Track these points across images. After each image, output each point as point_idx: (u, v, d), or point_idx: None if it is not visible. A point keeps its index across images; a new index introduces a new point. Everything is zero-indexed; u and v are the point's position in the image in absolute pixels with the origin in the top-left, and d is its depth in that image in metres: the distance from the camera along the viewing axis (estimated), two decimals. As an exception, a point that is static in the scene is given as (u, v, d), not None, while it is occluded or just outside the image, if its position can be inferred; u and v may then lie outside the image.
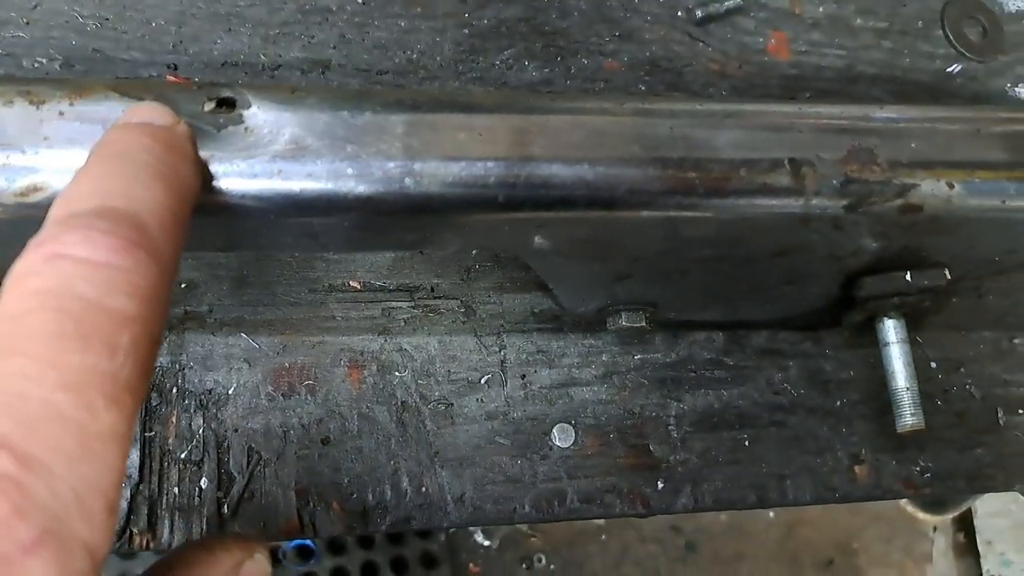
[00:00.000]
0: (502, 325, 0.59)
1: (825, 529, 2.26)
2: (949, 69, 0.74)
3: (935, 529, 2.25)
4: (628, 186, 0.40)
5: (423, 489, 0.54)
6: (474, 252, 0.59)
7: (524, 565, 2.06)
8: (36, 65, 0.55)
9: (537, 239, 0.44)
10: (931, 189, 0.42)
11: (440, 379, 0.57)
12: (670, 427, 0.59)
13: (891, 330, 0.55)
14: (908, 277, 0.51)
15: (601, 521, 2.15)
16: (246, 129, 0.39)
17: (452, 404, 0.56)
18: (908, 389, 0.54)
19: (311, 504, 0.52)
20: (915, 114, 0.44)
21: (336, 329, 0.56)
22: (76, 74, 0.56)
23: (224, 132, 0.38)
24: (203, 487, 0.51)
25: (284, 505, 0.52)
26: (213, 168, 0.38)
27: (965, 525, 2.23)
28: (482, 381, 0.57)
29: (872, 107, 0.44)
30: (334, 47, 0.61)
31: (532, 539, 2.11)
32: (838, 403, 0.62)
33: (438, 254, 0.58)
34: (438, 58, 0.63)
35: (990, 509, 2.18)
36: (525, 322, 0.59)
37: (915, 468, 0.62)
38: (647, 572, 2.17)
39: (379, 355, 0.56)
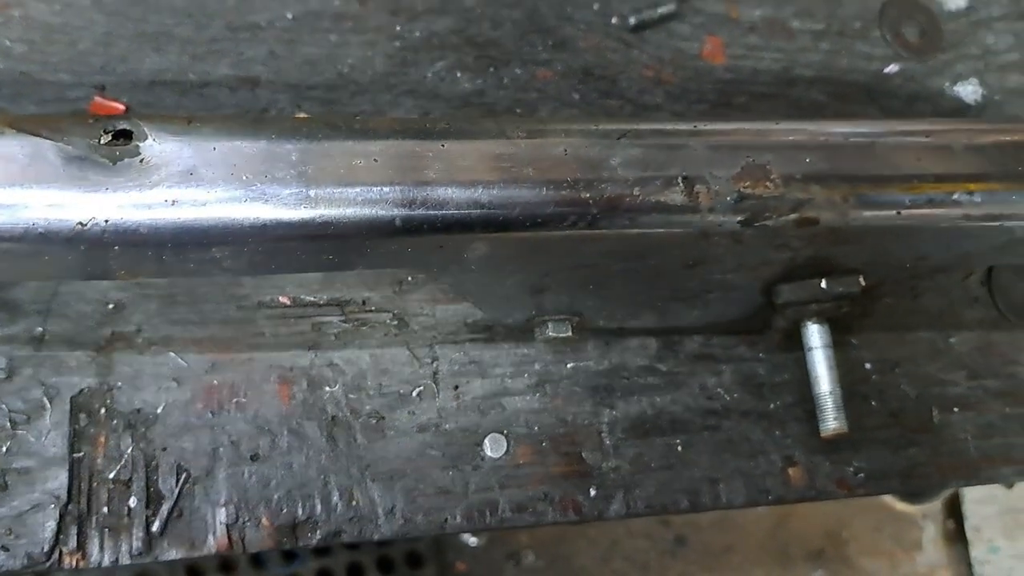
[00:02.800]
0: (435, 336, 0.60)
1: (815, 519, 2.27)
2: (887, 69, 0.74)
3: (924, 517, 2.26)
4: (522, 208, 0.41)
5: (353, 503, 0.55)
6: (405, 265, 0.59)
7: (512, 561, 2.06)
8: (-38, 90, 0.56)
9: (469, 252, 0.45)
10: (826, 202, 0.43)
11: (371, 393, 0.58)
12: (603, 434, 0.60)
13: (814, 335, 0.55)
14: (823, 284, 0.51)
15: (588, 516, 2.15)
16: (142, 160, 0.39)
17: (384, 418, 0.57)
18: (831, 393, 0.55)
19: (240, 520, 0.53)
20: (812, 128, 0.44)
21: (265, 345, 0.57)
22: (3, 97, 0.56)
23: (120, 164, 0.39)
24: (132, 506, 0.52)
25: (213, 522, 0.53)
26: (108, 199, 0.38)
27: (954, 512, 2.24)
28: (414, 394, 0.58)
29: (768, 123, 0.44)
30: (263, 64, 0.62)
31: (519, 536, 2.12)
32: (772, 406, 0.63)
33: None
34: (369, 72, 0.64)
35: (977, 496, 2.18)
36: (458, 333, 0.60)
37: (849, 468, 0.62)
38: (636, 566, 2.18)
39: (309, 370, 0.57)
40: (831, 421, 0.55)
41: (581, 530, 2.15)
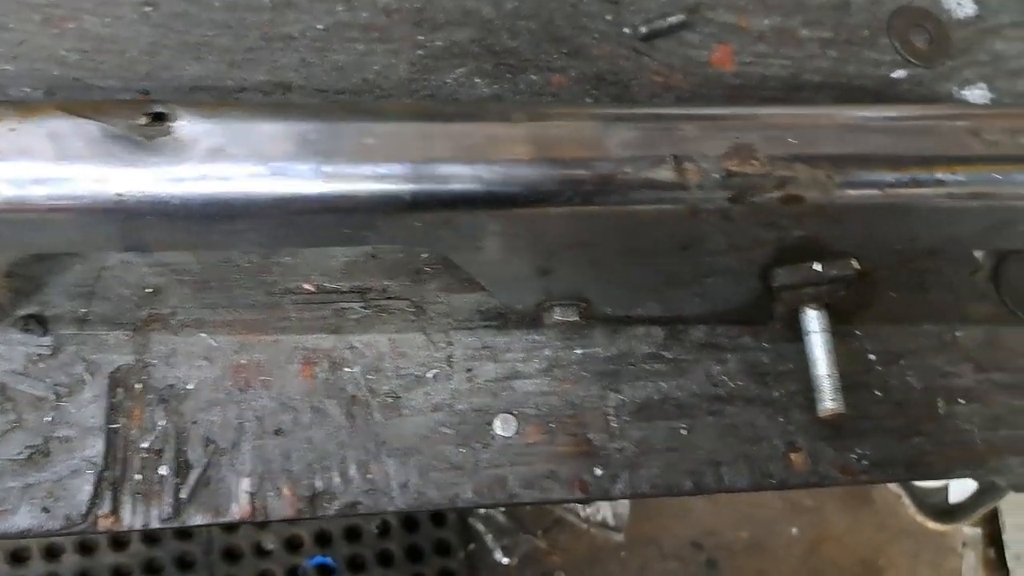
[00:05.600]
0: (450, 323, 0.63)
1: (850, 546, 2.23)
2: (894, 75, 0.76)
3: (964, 544, 2.21)
4: (522, 184, 0.44)
5: (369, 476, 0.58)
6: (423, 255, 0.63)
7: (543, 582, 2.06)
8: (21, 94, 0.61)
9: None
10: (810, 180, 0.45)
11: (389, 374, 0.61)
12: (609, 417, 0.62)
13: (812, 320, 0.57)
14: (818, 267, 0.53)
15: (621, 537, 2.16)
16: (174, 139, 0.43)
17: (400, 397, 0.60)
18: (829, 376, 0.57)
19: (263, 490, 0.56)
20: (798, 112, 0.47)
21: (290, 329, 0.60)
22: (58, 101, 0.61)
23: (155, 142, 0.43)
24: (163, 474, 0.55)
25: (237, 491, 0.56)
26: (143, 174, 0.43)
27: (994, 541, 2.19)
28: (429, 375, 0.61)
29: (757, 108, 0.47)
30: (295, 70, 0.66)
31: (552, 556, 2.12)
32: (775, 394, 0.64)
33: (390, 257, 0.62)
34: (393, 78, 0.68)
35: (1018, 523, 2.13)
36: (471, 320, 0.63)
37: (852, 455, 0.64)
38: (668, 589, 2.16)
39: (331, 352, 0.60)
40: (828, 401, 0.57)
41: (613, 551, 2.15)
